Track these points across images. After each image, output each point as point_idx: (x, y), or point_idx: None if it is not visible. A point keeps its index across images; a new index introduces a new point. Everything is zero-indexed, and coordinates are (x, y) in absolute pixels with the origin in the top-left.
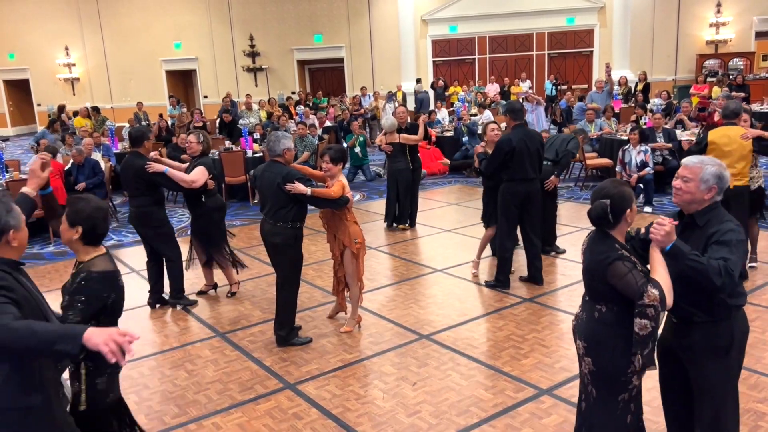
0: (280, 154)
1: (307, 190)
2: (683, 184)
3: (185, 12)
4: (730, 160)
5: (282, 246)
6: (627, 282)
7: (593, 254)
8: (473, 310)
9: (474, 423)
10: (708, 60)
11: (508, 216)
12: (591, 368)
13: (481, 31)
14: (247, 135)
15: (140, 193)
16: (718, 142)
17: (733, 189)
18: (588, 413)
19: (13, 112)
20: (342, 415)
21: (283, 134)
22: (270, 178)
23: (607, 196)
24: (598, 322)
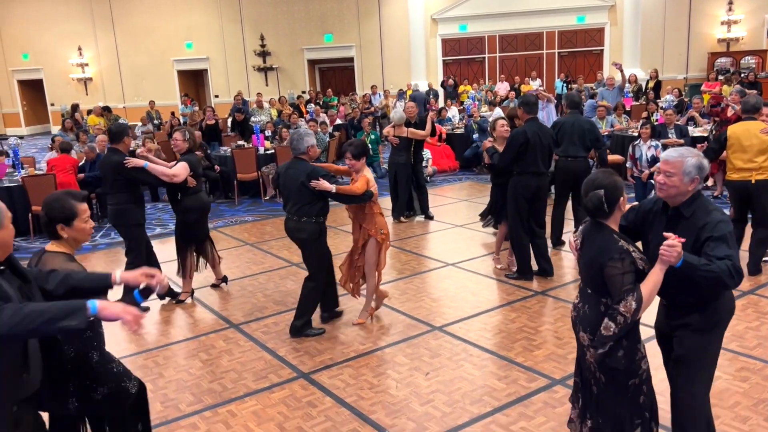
0: (304, 152)
1: (332, 187)
2: (667, 179)
3: (197, 12)
4: (749, 155)
5: (307, 241)
6: (614, 282)
7: (595, 247)
8: (485, 303)
9: (487, 411)
10: (720, 58)
11: (519, 209)
12: (599, 359)
13: (491, 30)
14: (258, 132)
15: (117, 190)
16: (738, 137)
17: (755, 183)
18: (600, 397)
19: (27, 112)
20: (356, 404)
21: (306, 132)
22: (294, 175)
23: (600, 187)
24: (605, 315)
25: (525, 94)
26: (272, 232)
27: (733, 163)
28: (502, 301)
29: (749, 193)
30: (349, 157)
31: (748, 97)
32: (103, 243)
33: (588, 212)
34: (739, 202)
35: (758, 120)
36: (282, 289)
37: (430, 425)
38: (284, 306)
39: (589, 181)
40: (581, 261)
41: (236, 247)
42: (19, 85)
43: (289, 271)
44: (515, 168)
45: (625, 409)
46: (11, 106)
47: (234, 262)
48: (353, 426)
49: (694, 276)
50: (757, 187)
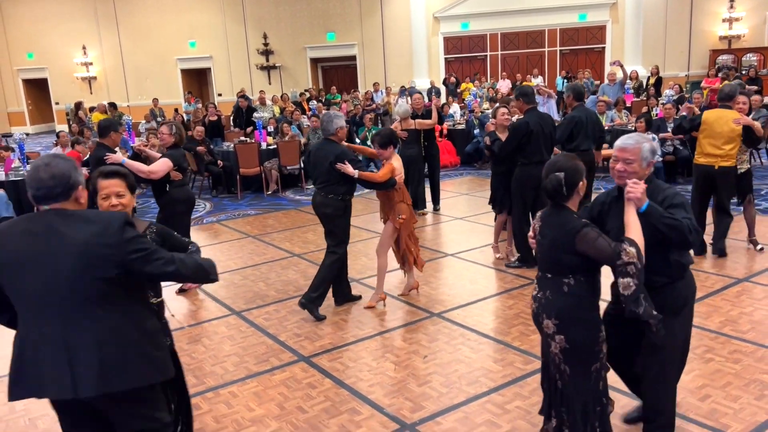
0: (334, 133)
1: (355, 172)
2: (627, 165)
3: (200, 11)
4: (718, 141)
5: (331, 215)
6: (599, 246)
7: (556, 227)
8: (483, 290)
9: (483, 392)
10: (721, 55)
11: (524, 199)
12: (563, 346)
13: (493, 28)
14: (261, 128)
15: None
16: (710, 123)
17: (719, 169)
18: (564, 390)
19: (32, 110)
20: (355, 385)
21: (335, 114)
22: (323, 155)
23: (561, 170)
24: (569, 295)
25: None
26: (274, 224)
27: (702, 147)
28: (500, 289)
29: (712, 177)
30: (377, 147)
31: (724, 86)
32: None
33: (547, 194)
34: (703, 187)
35: (734, 108)
36: (283, 279)
37: (427, 404)
38: (285, 294)
39: (550, 164)
40: (541, 245)
41: (239, 239)
42: (24, 84)
43: (291, 262)
44: (520, 158)
45: (589, 396)
46: (16, 105)
47: (237, 253)
48: (351, 405)
49: (659, 224)
50: (720, 173)
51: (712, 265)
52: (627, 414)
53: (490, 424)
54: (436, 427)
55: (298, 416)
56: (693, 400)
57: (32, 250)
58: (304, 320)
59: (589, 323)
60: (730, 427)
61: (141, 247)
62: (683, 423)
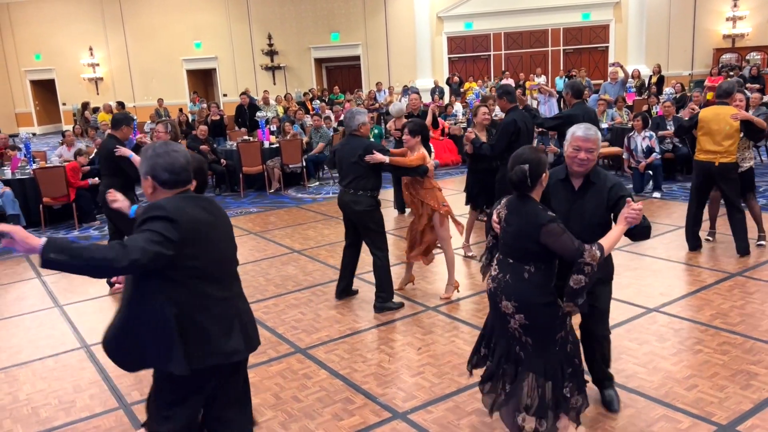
0: (356, 129)
1: (386, 158)
2: (589, 154)
3: (205, 12)
4: (717, 138)
5: (363, 213)
6: (563, 242)
7: (523, 216)
8: (479, 285)
9: (475, 382)
10: (725, 54)
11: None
12: (523, 322)
13: (497, 27)
14: (264, 127)
15: (108, 174)
16: (707, 120)
17: (719, 166)
18: (529, 358)
19: (40, 111)
20: (349, 375)
21: (358, 110)
22: (350, 151)
23: (525, 162)
24: (528, 282)
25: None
26: (276, 222)
27: (701, 145)
28: None
29: (712, 174)
30: (406, 133)
31: (722, 83)
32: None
33: (512, 185)
34: (702, 183)
35: (731, 105)
36: (283, 274)
37: (419, 394)
38: (284, 289)
39: (516, 156)
40: (506, 232)
41: (240, 236)
42: (31, 85)
43: (291, 258)
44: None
45: (555, 359)
46: (24, 105)
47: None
48: (345, 395)
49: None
50: (720, 170)
51: (707, 260)
52: None
53: (479, 412)
54: (427, 416)
55: (293, 405)
56: (680, 389)
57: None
58: (302, 314)
59: (547, 306)
60: (714, 415)
61: None
62: (669, 411)
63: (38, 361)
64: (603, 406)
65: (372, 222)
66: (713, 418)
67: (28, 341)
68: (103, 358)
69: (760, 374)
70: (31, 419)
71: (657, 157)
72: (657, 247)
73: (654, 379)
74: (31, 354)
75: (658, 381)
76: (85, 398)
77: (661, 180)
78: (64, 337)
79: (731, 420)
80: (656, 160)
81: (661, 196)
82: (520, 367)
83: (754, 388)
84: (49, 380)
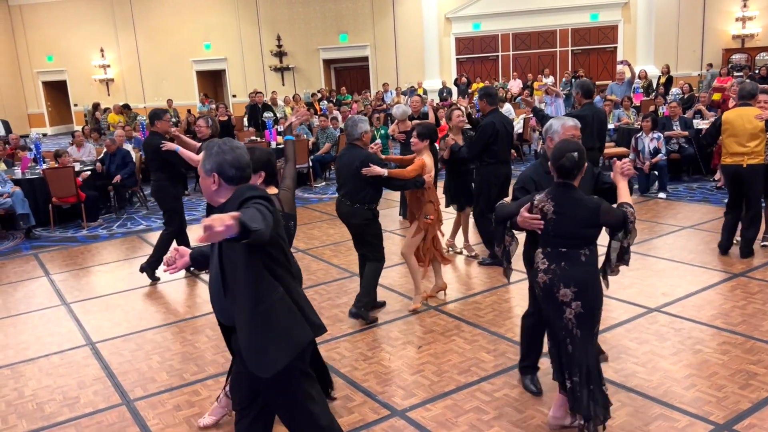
0: (359, 138)
1: (384, 171)
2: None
3: (215, 14)
4: (742, 140)
5: (359, 226)
6: (616, 214)
7: (577, 203)
8: (481, 285)
9: (473, 380)
10: (734, 54)
11: (491, 197)
12: (579, 311)
13: (505, 28)
14: (270, 127)
15: (157, 169)
16: (732, 122)
17: (747, 167)
18: (576, 353)
19: (52, 112)
20: (350, 373)
21: (360, 118)
22: (349, 161)
23: (574, 151)
24: (586, 264)
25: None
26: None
27: (726, 148)
28: (497, 284)
29: (741, 176)
30: (415, 136)
31: (744, 84)
32: (120, 232)
33: (563, 172)
34: (733, 186)
35: (755, 106)
36: None
37: (418, 392)
38: None
39: (561, 147)
40: (559, 223)
41: None
42: (43, 86)
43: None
44: (485, 158)
45: (592, 358)
46: (36, 106)
47: None
48: (346, 393)
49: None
50: (749, 171)
51: (711, 260)
52: None
53: (477, 410)
54: (426, 413)
55: None
56: (678, 388)
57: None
58: None
59: (599, 286)
60: (712, 414)
61: None
62: (666, 410)
63: (44, 357)
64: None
65: (368, 234)
66: (711, 417)
67: (35, 338)
68: (107, 355)
69: (759, 374)
70: (35, 414)
71: (663, 158)
72: (661, 248)
73: (653, 378)
74: (38, 351)
75: (656, 380)
76: (89, 394)
77: (666, 180)
78: (70, 335)
79: (729, 419)
80: (662, 161)
81: (666, 196)
82: (567, 360)
83: (753, 387)
84: (54, 377)
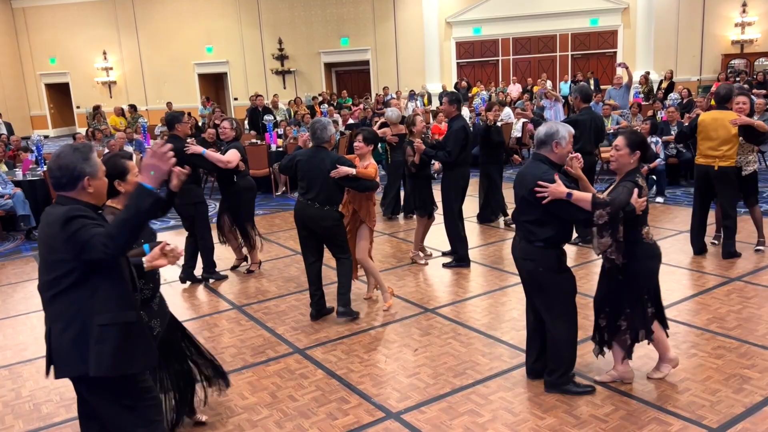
0: (328, 140)
1: (352, 170)
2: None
3: (217, 17)
4: (714, 143)
5: (331, 228)
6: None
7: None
8: (477, 288)
9: (469, 383)
10: (733, 60)
11: (458, 199)
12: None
13: (505, 32)
14: (271, 130)
15: None
16: (706, 125)
17: (718, 170)
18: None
19: (54, 114)
20: (346, 376)
21: (329, 121)
22: (318, 164)
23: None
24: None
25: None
26: (280, 224)
27: (700, 149)
28: (494, 287)
29: (710, 178)
30: (360, 140)
31: (720, 87)
32: None
33: (649, 160)
34: (702, 187)
35: (732, 108)
36: (285, 275)
37: (413, 395)
38: (286, 290)
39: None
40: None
41: None
42: (46, 88)
43: (294, 260)
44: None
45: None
46: (39, 108)
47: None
48: (341, 395)
49: None
50: (719, 174)
51: (707, 264)
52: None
53: (472, 413)
54: (420, 416)
55: (289, 404)
56: (672, 392)
57: (41, 233)
58: (302, 315)
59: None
60: (705, 419)
61: (78, 239)
62: (660, 414)
63: (42, 358)
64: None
65: (339, 235)
66: (704, 422)
67: (34, 339)
68: None
69: (753, 378)
70: (32, 415)
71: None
72: None
73: (647, 382)
74: (36, 352)
75: (651, 384)
76: None
77: (664, 185)
78: None
79: (722, 423)
80: (660, 165)
81: (664, 201)
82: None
83: (747, 392)
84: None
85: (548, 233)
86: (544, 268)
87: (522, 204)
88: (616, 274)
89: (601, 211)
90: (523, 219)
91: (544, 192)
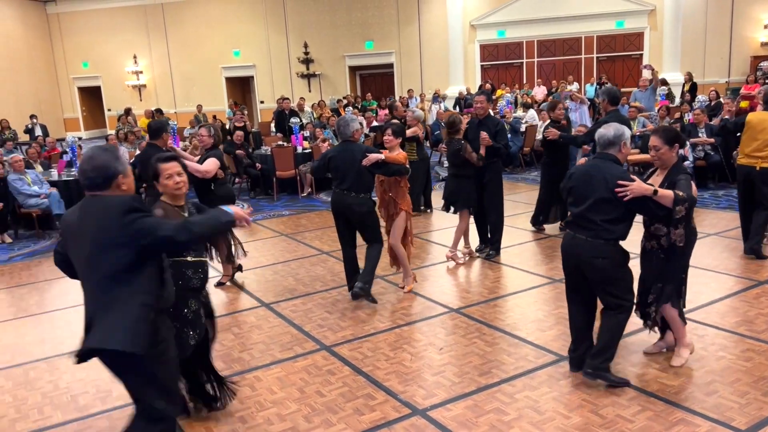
0: (351, 135)
1: (381, 156)
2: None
3: (244, 22)
4: (758, 144)
5: (366, 213)
6: None
7: None
8: (502, 289)
9: (494, 382)
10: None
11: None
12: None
13: (529, 35)
14: (297, 132)
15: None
16: (753, 126)
17: (760, 170)
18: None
19: (86, 117)
20: (372, 373)
21: (351, 117)
22: (349, 156)
23: None
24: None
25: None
26: (306, 224)
27: (743, 149)
28: (519, 288)
29: (752, 178)
30: (389, 134)
31: (766, 88)
32: None
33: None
34: (744, 186)
35: None
36: (312, 274)
37: (439, 392)
38: (312, 289)
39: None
40: None
41: (272, 238)
42: (79, 91)
43: (320, 259)
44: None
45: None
46: (72, 111)
47: (269, 251)
48: (367, 391)
49: None
50: (761, 174)
51: (736, 267)
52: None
53: (497, 411)
54: (446, 413)
55: (317, 399)
56: (699, 394)
57: (75, 227)
58: (328, 313)
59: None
60: (734, 420)
61: (140, 227)
62: (687, 415)
63: None
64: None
65: (372, 220)
66: (733, 423)
67: (70, 333)
68: None
69: None
70: (69, 406)
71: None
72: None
73: (674, 383)
74: (73, 345)
75: (678, 385)
76: (120, 387)
77: None
78: None
79: (750, 425)
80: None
81: None
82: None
83: None
84: (88, 370)
85: (622, 230)
86: (617, 263)
87: (598, 203)
88: (659, 253)
89: (681, 206)
90: (600, 218)
91: (625, 191)
